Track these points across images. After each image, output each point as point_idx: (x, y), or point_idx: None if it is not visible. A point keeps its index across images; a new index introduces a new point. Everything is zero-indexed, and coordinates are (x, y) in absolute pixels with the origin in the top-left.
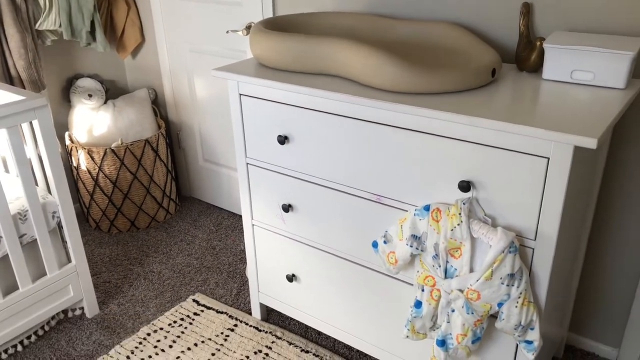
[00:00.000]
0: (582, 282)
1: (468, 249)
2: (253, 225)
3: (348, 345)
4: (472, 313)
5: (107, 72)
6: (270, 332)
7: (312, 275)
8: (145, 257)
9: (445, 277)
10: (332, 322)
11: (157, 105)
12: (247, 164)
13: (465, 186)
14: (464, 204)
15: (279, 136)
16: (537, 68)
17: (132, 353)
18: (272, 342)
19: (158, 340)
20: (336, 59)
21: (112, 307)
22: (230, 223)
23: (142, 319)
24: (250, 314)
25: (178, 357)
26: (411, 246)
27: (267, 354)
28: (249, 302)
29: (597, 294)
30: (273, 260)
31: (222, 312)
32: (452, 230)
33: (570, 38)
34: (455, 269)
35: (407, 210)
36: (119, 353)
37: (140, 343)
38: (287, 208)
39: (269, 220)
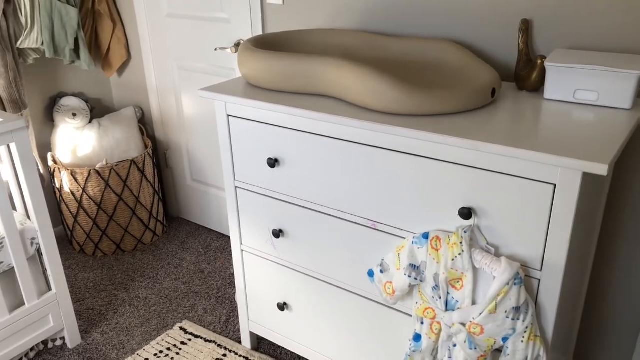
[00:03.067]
0: (587, 307)
1: (470, 280)
2: (242, 250)
3: None
4: (475, 348)
5: (92, 90)
6: None
7: (304, 303)
8: (131, 281)
9: (446, 310)
10: (326, 352)
11: (144, 124)
12: (236, 187)
13: (466, 213)
14: (465, 232)
15: (269, 159)
16: (537, 87)
17: None
18: None
19: None
20: (328, 79)
21: (95, 336)
22: (219, 245)
23: (127, 349)
24: (240, 342)
25: None
26: (409, 276)
27: None
28: (239, 329)
29: (602, 320)
30: (263, 288)
31: (210, 341)
32: (452, 260)
33: (573, 56)
34: (457, 301)
35: (404, 238)
36: None
37: None
38: (277, 234)
39: (259, 245)
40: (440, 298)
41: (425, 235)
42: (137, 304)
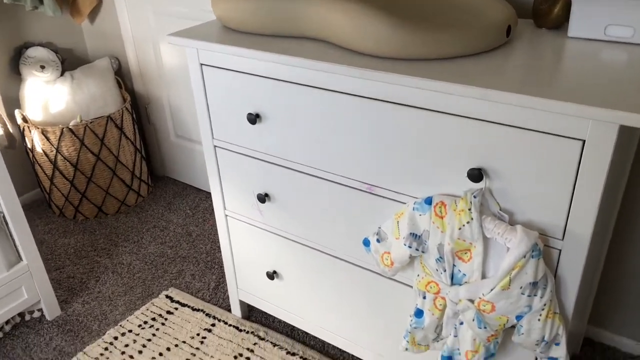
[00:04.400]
0: (605, 271)
1: (480, 251)
2: (226, 216)
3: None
4: (485, 327)
5: (62, 39)
6: (252, 332)
7: (295, 272)
8: (114, 246)
9: (452, 284)
10: (320, 323)
11: (121, 76)
12: (215, 146)
13: (476, 175)
14: (474, 196)
15: (249, 115)
16: (560, 24)
17: None
18: (254, 344)
19: (126, 345)
20: (315, 19)
21: (75, 306)
22: (207, 205)
23: (109, 320)
24: (229, 310)
25: None
26: (410, 247)
27: (248, 358)
28: (229, 296)
29: (620, 284)
30: (251, 256)
31: (198, 310)
32: (459, 229)
33: None
34: (464, 274)
35: (404, 203)
36: None
37: (106, 349)
38: (263, 198)
39: (245, 211)
40: (445, 271)
41: (428, 201)
42: (121, 270)
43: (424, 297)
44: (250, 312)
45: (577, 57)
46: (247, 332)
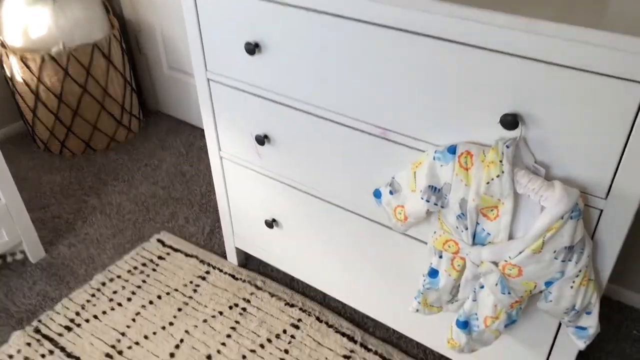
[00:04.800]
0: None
1: (509, 208)
2: (221, 157)
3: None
4: (509, 293)
5: None
6: (248, 282)
7: (296, 221)
8: (103, 185)
9: (474, 243)
10: (322, 275)
11: (109, 0)
12: (209, 79)
13: (510, 121)
14: (507, 147)
15: (247, 44)
16: None
17: (83, 308)
18: (251, 294)
19: (114, 292)
20: None
21: (61, 249)
22: (203, 144)
23: (97, 264)
24: (225, 257)
25: (138, 314)
26: (428, 201)
27: (244, 309)
28: (224, 242)
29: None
30: (249, 201)
31: (191, 256)
32: (487, 183)
33: None
34: (489, 234)
35: (423, 151)
36: (67, 308)
37: (94, 295)
38: (262, 140)
39: (241, 153)
40: (466, 229)
41: (452, 149)
42: (110, 211)
43: (440, 257)
44: (247, 260)
45: None
46: (244, 281)
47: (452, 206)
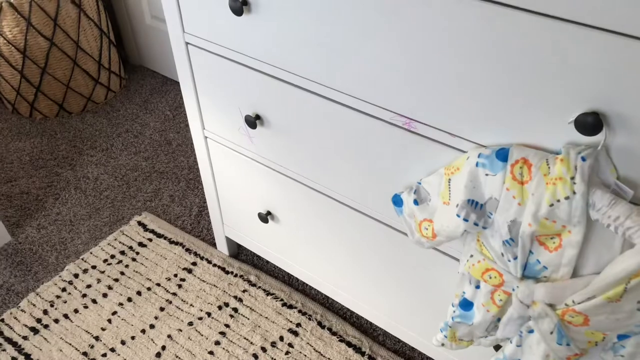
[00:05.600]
0: None
1: (577, 240)
2: (206, 137)
3: None
4: (568, 344)
5: None
6: (241, 276)
7: (295, 216)
8: (78, 155)
9: (523, 277)
10: (324, 277)
11: None
12: (187, 43)
13: (590, 123)
14: (583, 159)
15: (233, 0)
16: None
17: (52, 306)
18: (244, 291)
19: (88, 286)
20: None
21: (29, 231)
22: None
23: (69, 251)
24: (214, 246)
25: (114, 313)
26: (466, 219)
27: (235, 309)
28: (213, 230)
29: None
30: (239, 190)
31: (177, 243)
32: (551, 205)
33: None
34: (545, 267)
35: (462, 152)
36: (34, 305)
37: (64, 289)
38: (253, 122)
39: (229, 134)
40: (515, 259)
41: (503, 155)
42: (85, 186)
43: (477, 287)
44: (240, 249)
45: None
46: (235, 276)
47: (498, 228)
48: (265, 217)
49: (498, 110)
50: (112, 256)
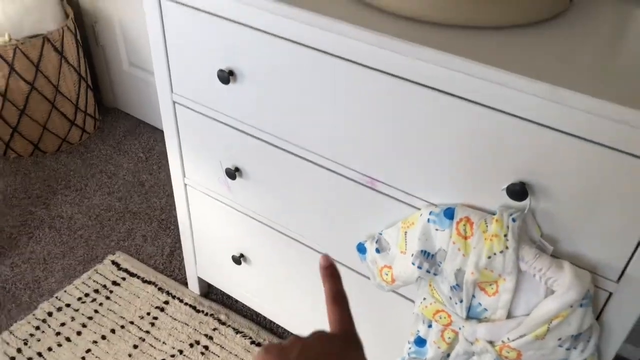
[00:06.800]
0: None
1: (510, 287)
2: (186, 185)
3: None
4: None
5: None
6: (211, 315)
7: (266, 259)
8: (53, 194)
9: (468, 317)
10: (292, 316)
11: None
12: (174, 102)
13: (518, 191)
14: (513, 220)
15: (221, 72)
16: None
17: (26, 344)
18: (214, 329)
19: (62, 324)
20: None
21: (2, 270)
22: (163, 148)
23: (43, 289)
24: (186, 285)
25: (88, 351)
26: (420, 267)
27: (206, 347)
28: (186, 270)
29: None
30: (214, 233)
31: (149, 282)
32: (489, 257)
33: None
34: (485, 309)
35: (417, 209)
36: (7, 343)
37: (38, 328)
38: (233, 174)
39: (208, 183)
40: (461, 302)
41: (449, 213)
42: (60, 225)
43: (430, 326)
44: (210, 288)
45: None
46: (206, 314)
47: (447, 276)
48: (238, 259)
49: (445, 177)
50: (86, 294)
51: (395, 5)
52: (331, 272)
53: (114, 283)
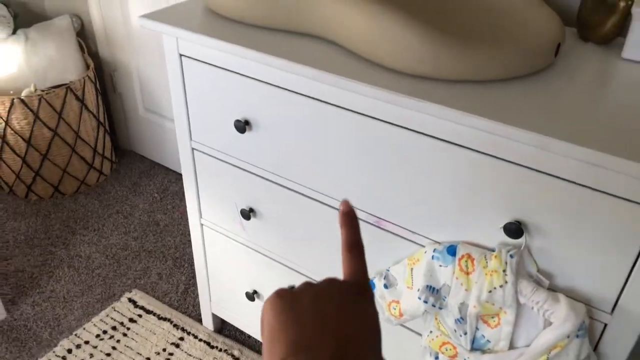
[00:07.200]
0: None
1: (511, 319)
2: (202, 225)
3: None
4: None
5: None
6: (225, 350)
7: None
8: (72, 234)
9: (472, 349)
10: None
11: (84, 38)
12: (193, 149)
13: (514, 229)
14: (511, 256)
15: (238, 122)
16: (610, 39)
17: None
18: None
19: None
20: (326, 16)
21: (24, 308)
22: (177, 189)
23: (63, 327)
24: (200, 321)
25: None
26: (425, 301)
27: None
28: (199, 304)
29: None
30: (229, 270)
31: (165, 319)
32: (490, 292)
33: None
34: (488, 341)
35: (421, 246)
36: None
37: None
38: (248, 214)
39: (224, 223)
40: (465, 334)
41: (452, 250)
42: (78, 265)
43: (437, 358)
44: (223, 324)
45: None
46: (220, 350)
47: (451, 309)
48: (252, 296)
49: (447, 217)
50: (104, 331)
51: (396, 64)
52: (351, 220)
53: (131, 320)
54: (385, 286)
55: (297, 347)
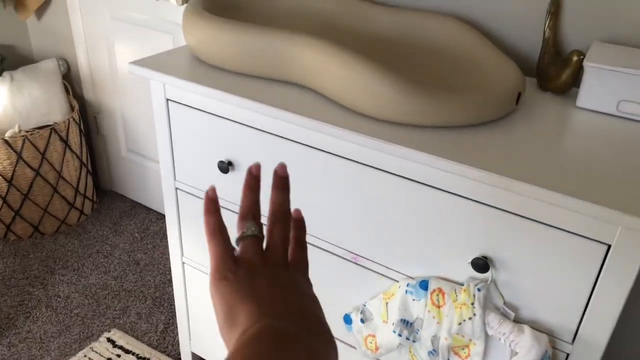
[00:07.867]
0: None
1: (480, 351)
2: (184, 263)
3: None
4: None
5: (2, 35)
6: None
7: None
8: (50, 274)
9: None
10: None
11: (70, 80)
12: (177, 189)
13: (481, 265)
14: (479, 290)
15: (221, 162)
16: (566, 89)
17: None
18: None
19: None
20: (305, 65)
21: (0, 350)
22: (158, 228)
23: None
24: None
25: None
26: (400, 335)
27: None
28: (178, 342)
29: None
30: (210, 309)
31: (144, 359)
32: (459, 324)
33: (619, 55)
34: None
35: (395, 281)
36: None
37: None
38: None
39: (205, 260)
40: None
41: (424, 285)
42: (56, 305)
43: None
44: None
45: (594, 136)
46: None
47: (424, 342)
48: None
49: (418, 254)
50: None
51: (374, 112)
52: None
53: None
54: (362, 320)
55: (261, 314)
